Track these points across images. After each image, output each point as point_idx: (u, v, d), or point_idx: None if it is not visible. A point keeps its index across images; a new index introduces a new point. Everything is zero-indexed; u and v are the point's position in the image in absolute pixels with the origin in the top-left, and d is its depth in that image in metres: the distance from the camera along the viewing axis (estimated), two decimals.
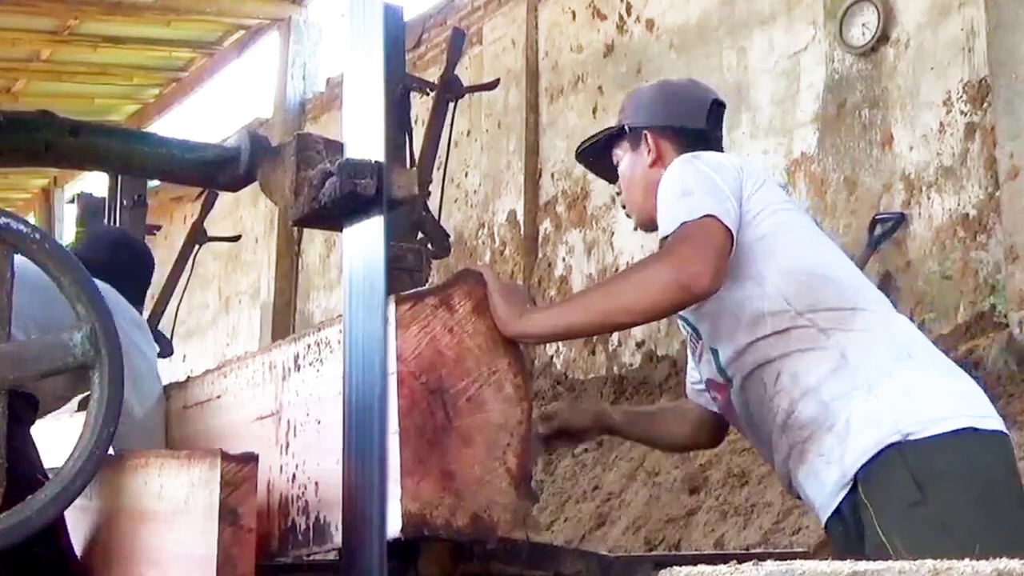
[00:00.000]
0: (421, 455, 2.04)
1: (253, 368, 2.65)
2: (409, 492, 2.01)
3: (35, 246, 2.02)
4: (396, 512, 2.00)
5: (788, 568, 1.43)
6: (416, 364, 2.07)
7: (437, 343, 2.11)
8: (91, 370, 2.04)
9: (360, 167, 2.10)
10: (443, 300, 2.14)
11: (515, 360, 2.17)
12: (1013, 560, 1.28)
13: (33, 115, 2.26)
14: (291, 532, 2.34)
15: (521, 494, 2.12)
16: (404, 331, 2.08)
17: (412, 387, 2.06)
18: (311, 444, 2.31)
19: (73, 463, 2.01)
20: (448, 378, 2.10)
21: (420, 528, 2.01)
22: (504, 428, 2.13)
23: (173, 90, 14.70)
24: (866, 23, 6.90)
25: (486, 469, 2.10)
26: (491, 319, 2.17)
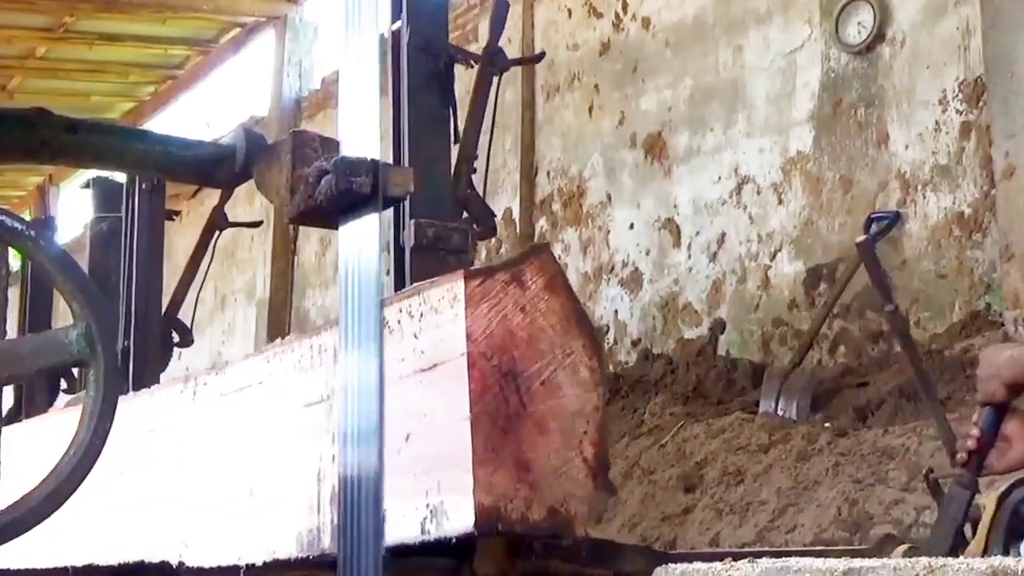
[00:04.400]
0: (494, 443, 1.92)
1: (299, 352, 2.51)
2: (482, 484, 1.89)
3: (30, 243, 2.02)
4: (467, 505, 1.89)
5: (784, 564, 1.44)
6: (487, 344, 1.95)
7: (508, 322, 1.98)
8: (87, 367, 2.04)
9: (356, 165, 2.10)
10: (514, 276, 2.01)
11: (590, 342, 2.05)
12: (1008, 558, 1.28)
13: (29, 112, 2.26)
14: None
15: (599, 486, 2.00)
16: (473, 309, 1.96)
17: (483, 369, 1.94)
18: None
19: (69, 459, 2.00)
20: (521, 360, 1.97)
21: (494, 523, 1.89)
22: (580, 415, 2.00)
23: (169, 87, 14.68)
24: (862, 22, 6.90)
25: (562, 459, 1.97)
26: (564, 297, 2.04)
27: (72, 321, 2.04)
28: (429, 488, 2.00)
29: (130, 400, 3.38)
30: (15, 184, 17.45)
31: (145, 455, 3.16)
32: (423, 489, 2.01)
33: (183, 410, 3.00)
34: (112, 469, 3.23)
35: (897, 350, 6.41)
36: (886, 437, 5.22)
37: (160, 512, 3.00)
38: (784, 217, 7.29)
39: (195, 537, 2.79)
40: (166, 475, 3.03)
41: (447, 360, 2.00)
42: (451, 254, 3.66)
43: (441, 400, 2.00)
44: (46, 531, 3.48)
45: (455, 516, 1.93)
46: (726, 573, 1.49)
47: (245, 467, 2.62)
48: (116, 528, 3.23)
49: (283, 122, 12.25)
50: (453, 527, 1.94)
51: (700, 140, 7.95)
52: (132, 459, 3.20)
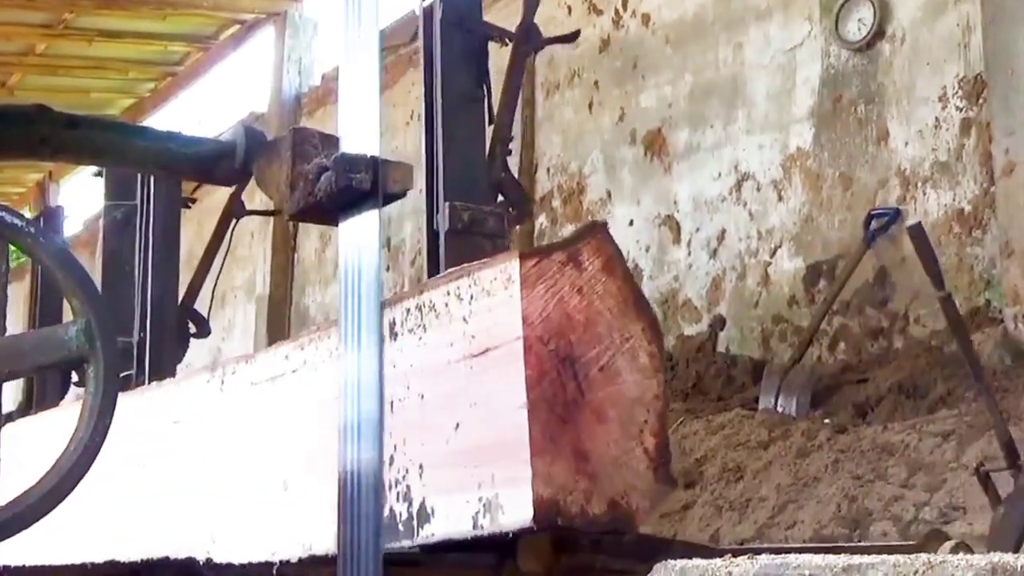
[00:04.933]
0: (552, 432, 1.84)
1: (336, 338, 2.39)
2: (540, 475, 1.80)
3: (30, 240, 2.02)
4: (524, 498, 1.80)
5: (783, 561, 1.44)
6: (544, 328, 1.87)
7: (565, 305, 1.90)
8: (86, 363, 2.04)
9: (355, 161, 2.10)
10: (571, 256, 1.93)
11: (649, 326, 1.97)
12: (1007, 555, 1.28)
13: (29, 109, 2.26)
14: (389, 521, 2.13)
15: (660, 478, 1.92)
16: (529, 291, 1.88)
17: (540, 354, 1.86)
18: (413, 422, 2.11)
19: (69, 456, 2.00)
20: (579, 345, 1.89)
21: (552, 516, 1.80)
22: (640, 403, 1.92)
23: (169, 84, 14.68)
24: (862, 18, 6.90)
25: (622, 449, 1.89)
26: (622, 279, 1.96)
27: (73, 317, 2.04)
28: (482, 480, 1.92)
29: (153, 390, 3.30)
30: (15, 181, 17.46)
31: (169, 447, 3.06)
32: (475, 481, 1.93)
33: (210, 400, 2.88)
34: (134, 462, 3.19)
35: (897, 347, 6.41)
36: (886, 433, 5.23)
37: (185, 506, 2.91)
38: (784, 214, 7.29)
39: (223, 532, 2.70)
40: (192, 468, 2.93)
41: (501, 344, 1.93)
42: (487, 238, 3.58)
43: (494, 387, 1.92)
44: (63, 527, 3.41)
45: (511, 510, 1.85)
46: (726, 569, 1.49)
47: (278, 459, 2.54)
48: (138, 523, 3.15)
49: (283, 119, 12.26)
50: (509, 521, 1.85)
51: (700, 137, 7.95)
52: (155, 451, 3.13)
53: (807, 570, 1.39)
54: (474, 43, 4.00)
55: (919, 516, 4.52)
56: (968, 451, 4.72)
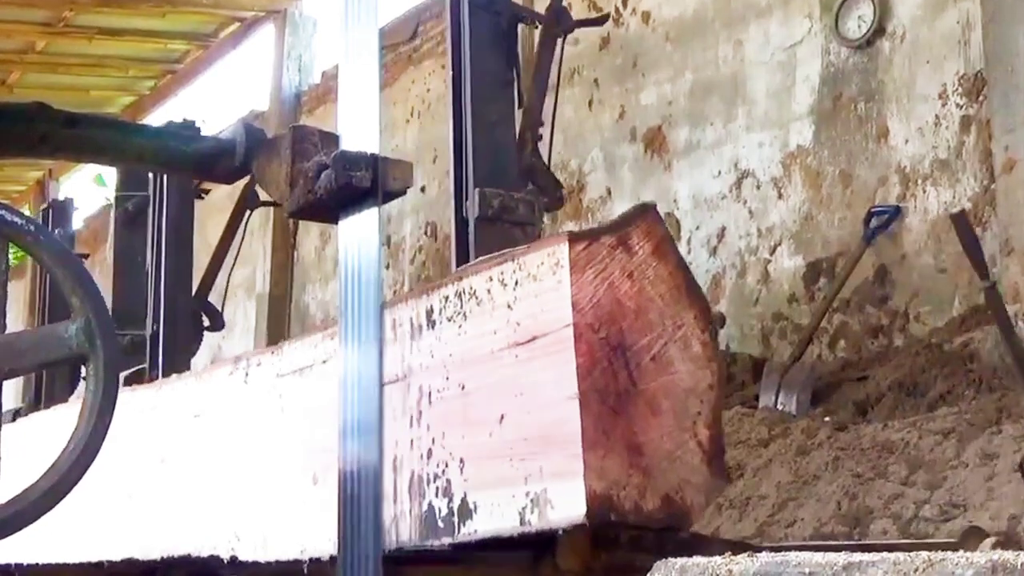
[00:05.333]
0: (604, 424, 1.76)
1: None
2: (593, 469, 1.72)
3: (30, 238, 2.02)
4: (576, 493, 1.73)
5: (783, 559, 1.44)
6: (594, 315, 1.79)
7: (616, 290, 1.82)
8: (86, 361, 2.04)
9: (355, 159, 2.10)
10: (621, 240, 1.85)
11: (701, 313, 1.89)
12: (1007, 551, 1.28)
13: (28, 107, 2.26)
14: (428, 517, 2.06)
15: (714, 472, 1.84)
16: (578, 275, 1.80)
17: (591, 342, 1.78)
18: (453, 414, 2.03)
19: (68, 454, 2.00)
20: (630, 332, 1.82)
21: (606, 512, 1.73)
22: (694, 393, 1.85)
23: (168, 82, 14.68)
24: (862, 16, 6.90)
25: (676, 442, 1.82)
26: (673, 263, 1.88)
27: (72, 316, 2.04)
28: (529, 474, 1.84)
29: (172, 384, 3.23)
30: (15, 179, 17.46)
31: (190, 442, 2.97)
32: (521, 475, 1.85)
33: (233, 393, 2.80)
34: (153, 457, 3.12)
35: (897, 344, 6.41)
36: (886, 431, 5.22)
37: (208, 502, 2.82)
38: (784, 212, 7.29)
39: (249, 529, 2.61)
40: (214, 462, 2.82)
41: (549, 332, 1.85)
42: (517, 226, 3.49)
43: (542, 376, 1.84)
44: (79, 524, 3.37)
45: (561, 505, 1.77)
46: (726, 567, 1.49)
47: (307, 452, 2.44)
48: (158, 520, 3.05)
49: (283, 117, 12.25)
50: (559, 517, 1.78)
51: (700, 134, 7.94)
52: (176, 446, 3.04)
53: (807, 568, 1.38)
54: (503, 25, 3.91)
55: (919, 514, 4.51)
56: (968, 449, 4.72)
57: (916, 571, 1.30)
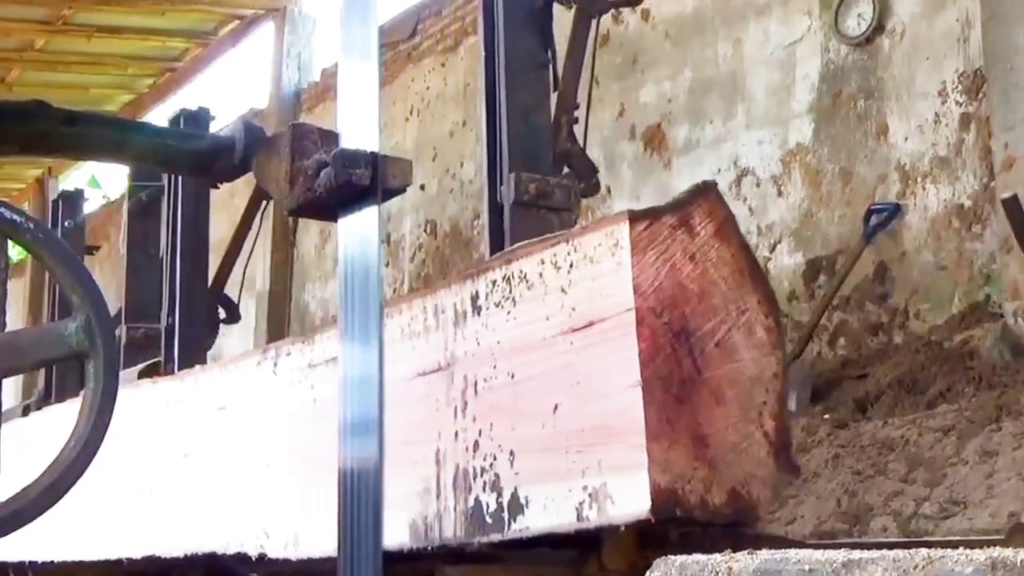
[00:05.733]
0: (668, 414, 1.67)
1: (410, 314, 2.22)
2: (658, 461, 1.63)
3: (29, 235, 2.02)
4: (640, 487, 1.64)
5: (783, 556, 1.43)
6: (656, 298, 1.70)
7: (678, 273, 1.74)
8: (86, 359, 2.04)
9: (355, 157, 2.10)
10: (682, 220, 1.77)
11: (765, 298, 1.80)
12: (1007, 549, 1.28)
13: (28, 105, 2.26)
14: (475, 513, 1.97)
15: (781, 465, 1.76)
16: (640, 257, 1.71)
17: (653, 327, 1.69)
18: (502, 404, 1.93)
19: (68, 452, 2.00)
20: (693, 317, 1.73)
21: (671, 507, 1.64)
22: (759, 382, 1.76)
23: (168, 80, 14.67)
24: (861, 13, 6.90)
25: (742, 433, 1.73)
26: (736, 245, 1.80)
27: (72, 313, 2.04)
28: (587, 468, 1.75)
29: (196, 375, 3.12)
30: (14, 176, 17.45)
31: (215, 435, 2.87)
32: (578, 469, 1.76)
33: (261, 385, 2.69)
34: (176, 452, 3.02)
35: (897, 342, 6.41)
36: (885, 429, 5.23)
37: (235, 498, 2.72)
38: (783, 209, 7.29)
39: (279, 525, 2.51)
40: (241, 456, 2.74)
41: (608, 317, 1.75)
42: (553, 212, 3.37)
43: (600, 364, 1.75)
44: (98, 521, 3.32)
45: (623, 500, 1.68)
46: (726, 564, 1.49)
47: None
48: (181, 516, 2.95)
49: (282, 114, 12.25)
50: (620, 513, 1.69)
51: (700, 132, 7.94)
52: (199, 441, 2.94)
53: (807, 565, 1.38)
54: (537, 4, 3.79)
55: (919, 511, 4.52)
56: (968, 446, 4.72)
57: (916, 568, 1.30)
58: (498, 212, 3.40)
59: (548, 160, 3.59)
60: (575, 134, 4.12)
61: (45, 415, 4.28)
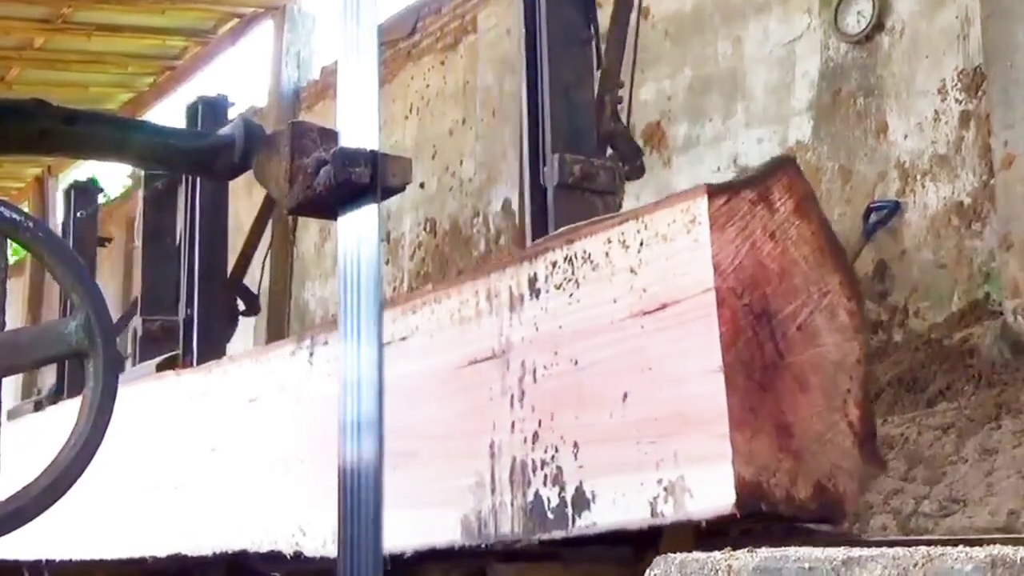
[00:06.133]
0: (751, 402, 1.58)
1: (460, 298, 2.11)
2: (741, 452, 1.54)
3: (29, 234, 2.02)
4: (723, 479, 1.55)
5: (783, 554, 1.43)
6: (736, 279, 1.61)
7: (758, 252, 1.65)
8: (85, 358, 2.04)
9: (354, 155, 2.10)
10: (762, 195, 1.68)
11: (847, 278, 1.72)
12: (1007, 546, 1.28)
13: (27, 103, 2.26)
14: (535, 508, 1.86)
15: (866, 457, 1.67)
16: (719, 234, 1.62)
17: (734, 309, 1.60)
18: (564, 393, 1.84)
19: (68, 451, 2.00)
20: (775, 298, 1.64)
21: (756, 501, 1.55)
22: (842, 368, 1.67)
23: (167, 78, 14.66)
24: (861, 11, 6.90)
25: (826, 423, 1.64)
26: (817, 223, 1.71)
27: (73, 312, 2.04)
28: (661, 459, 1.65)
29: (225, 366, 3.01)
30: (14, 175, 17.44)
31: (245, 428, 2.77)
32: (652, 461, 1.66)
33: (296, 375, 2.59)
34: (203, 446, 2.94)
35: (896, 340, 6.41)
36: (885, 426, 5.23)
37: (267, 494, 2.62)
38: None
39: (316, 521, 2.40)
40: (273, 450, 2.63)
41: (684, 298, 1.65)
42: (597, 195, 3.19)
43: (675, 348, 1.65)
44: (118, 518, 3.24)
45: (703, 494, 1.59)
46: (725, 562, 1.49)
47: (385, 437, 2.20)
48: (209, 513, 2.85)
49: (282, 113, 12.25)
50: (701, 508, 1.59)
51: (699, 130, 7.94)
52: (228, 434, 2.84)
53: (807, 563, 1.38)
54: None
55: (919, 509, 4.52)
56: (968, 444, 4.72)
57: (915, 566, 1.30)
58: (541, 194, 3.21)
59: (592, 141, 3.41)
60: (619, 113, 3.91)
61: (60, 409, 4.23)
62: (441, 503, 2.03)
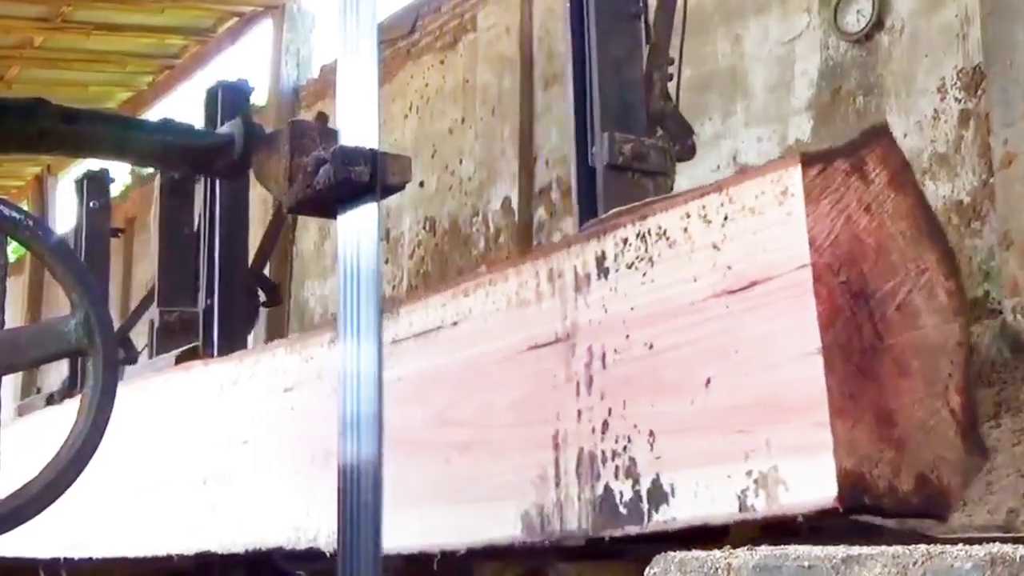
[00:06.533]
0: (851, 387, 1.47)
1: (518, 280, 1.99)
2: (842, 441, 1.44)
3: (29, 233, 2.02)
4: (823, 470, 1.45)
5: (782, 552, 1.43)
6: (832, 254, 1.51)
7: (854, 226, 1.54)
8: (85, 356, 2.04)
9: (354, 154, 2.10)
10: (855, 165, 1.58)
11: (944, 256, 1.63)
12: (1006, 544, 1.28)
13: (27, 102, 2.26)
14: (605, 503, 1.75)
15: (970, 447, 1.57)
16: (813, 206, 1.52)
17: (831, 287, 1.50)
18: (638, 379, 1.73)
19: (68, 449, 2.00)
20: (872, 276, 1.54)
21: (859, 494, 1.45)
22: (943, 351, 1.57)
23: (167, 77, 14.67)
24: (860, 10, 6.89)
25: (928, 410, 1.54)
26: (913, 197, 1.62)
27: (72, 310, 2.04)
28: (751, 449, 1.55)
29: (257, 355, 2.90)
30: (13, 174, 17.44)
31: (280, 420, 2.65)
32: (740, 451, 1.56)
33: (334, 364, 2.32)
34: (233, 438, 2.84)
35: None
36: None
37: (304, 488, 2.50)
38: None
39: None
40: (311, 442, 2.51)
41: (775, 275, 1.55)
42: (648, 176, 3.05)
43: (765, 329, 1.55)
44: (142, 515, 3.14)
45: (800, 486, 1.49)
46: (725, 560, 1.48)
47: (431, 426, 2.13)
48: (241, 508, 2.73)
49: (281, 112, 12.24)
50: (798, 501, 1.49)
51: (699, 129, 7.90)
52: (261, 426, 2.73)
53: (807, 561, 1.38)
54: None
55: None
56: None
57: (915, 564, 1.30)
58: (589, 175, 3.06)
59: (642, 119, 3.27)
60: (669, 92, 3.71)
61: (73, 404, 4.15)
62: (499, 498, 1.93)
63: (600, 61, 3.14)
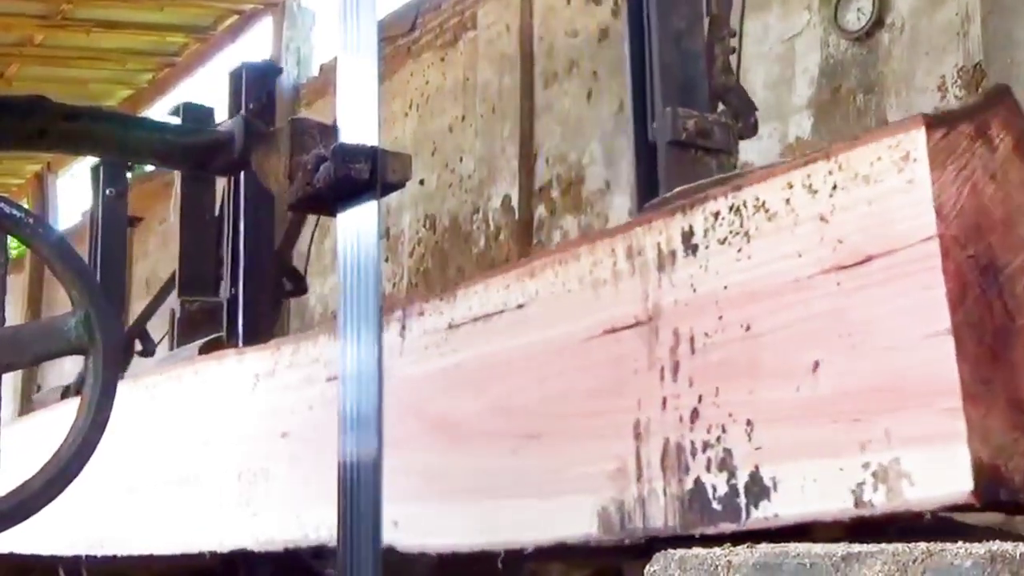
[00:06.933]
0: (983, 371, 1.36)
1: (592, 258, 1.87)
2: (977, 430, 1.33)
3: (29, 231, 2.02)
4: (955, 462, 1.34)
5: (782, 550, 1.43)
6: (959, 226, 1.39)
7: (980, 195, 1.42)
8: (86, 354, 2.04)
9: (354, 152, 2.10)
10: (980, 130, 1.45)
11: None
12: (1006, 543, 1.28)
13: (27, 100, 2.26)
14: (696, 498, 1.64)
15: None
16: (938, 173, 1.40)
17: (959, 262, 1.38)
18: (733, 364, 1.61)
19: (68, 447, 2.00)
20: (1000, 251, 1.41)
21: (995, 487, 1.35)
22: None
23: (167, 75, 14.66)
24: (861, 8, 6.89)
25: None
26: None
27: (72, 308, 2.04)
28: (867, 440, 1.44)
29: (296, 343, 2.75)
30: (13, 172, 17.44)
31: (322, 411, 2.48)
32: (854, 441, 1.45)
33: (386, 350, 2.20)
34: (271, 432, 2.72)
35: None
36: None
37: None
38: None
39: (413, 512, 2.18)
40: None
41: (895, 249, 1.43)
42: (711, 154, 2.93)
43: (884, 309, 1.43)
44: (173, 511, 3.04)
45: (928, 479, 1.38)
46: (725, 558, 1.48)
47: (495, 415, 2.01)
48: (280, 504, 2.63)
49: (281, 110, 12.22)
50: (925, 496, 1.39)
51: None
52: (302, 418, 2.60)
53: (807, 559, 1.38)
54: None
55: None
56: None
57: (915, 562, 1.30)
58: (649, 151, 2.90)
59: (705, 94, 3.13)
60: (730, 65, 3.52)
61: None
62: (573, 492, 1.82)
63: (660, 32, 2.99)
